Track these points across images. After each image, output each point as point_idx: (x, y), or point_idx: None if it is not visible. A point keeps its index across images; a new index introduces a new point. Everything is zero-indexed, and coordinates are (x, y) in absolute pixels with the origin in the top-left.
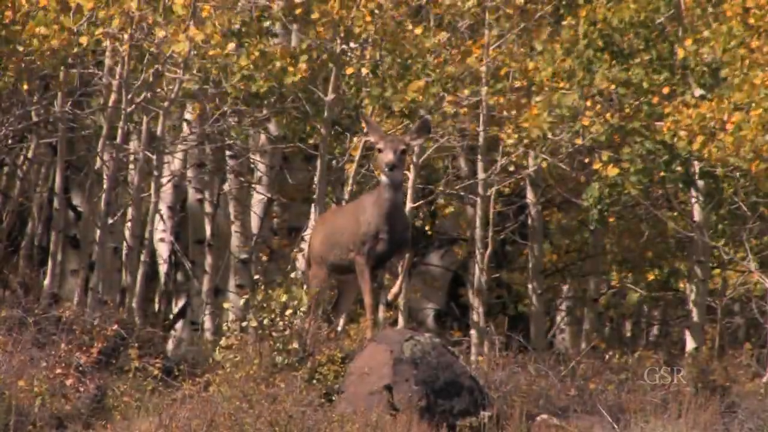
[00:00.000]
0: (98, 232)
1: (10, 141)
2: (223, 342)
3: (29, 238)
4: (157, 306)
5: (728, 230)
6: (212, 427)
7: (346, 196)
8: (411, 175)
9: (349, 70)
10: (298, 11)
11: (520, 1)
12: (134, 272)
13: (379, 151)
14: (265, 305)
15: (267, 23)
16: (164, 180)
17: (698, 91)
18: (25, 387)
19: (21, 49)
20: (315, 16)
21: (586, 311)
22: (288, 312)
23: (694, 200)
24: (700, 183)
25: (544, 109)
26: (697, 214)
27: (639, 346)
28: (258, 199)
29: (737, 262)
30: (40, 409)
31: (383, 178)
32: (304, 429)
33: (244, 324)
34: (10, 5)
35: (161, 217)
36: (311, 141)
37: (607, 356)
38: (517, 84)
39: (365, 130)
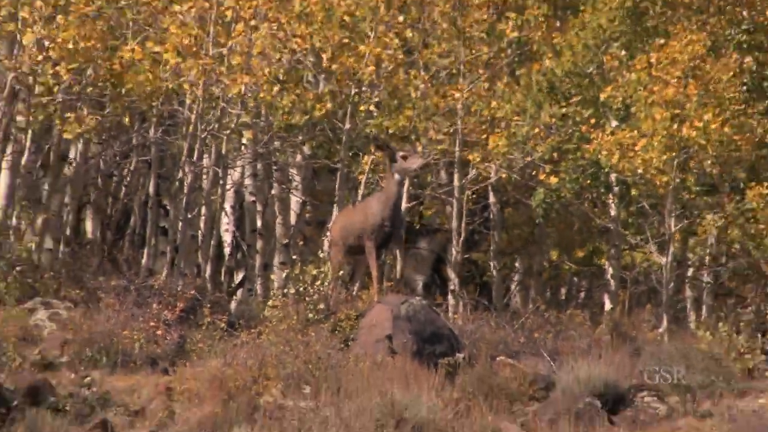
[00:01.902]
0: (181, 224)
1: (117, 159)
2: (270, 303)
3: (132, 228)
4: (223, 277)
5: (635, 223)
6: (263, 364)
7: (359, 198)
8: (406, 183)
9: (362, 108)
10: (324, 65)
11: (485, 58)
12: (207, 253)
13: (404, 158)
14: (300, 277)
15: (302, 73)
16: (228, 187)
17: (614, 123)
18: (128, 335)
19: (124, 91)
20: (335, 67)
21: (532, 281)
22: (317, 282)
23: (611, 201)
24: (616, 189)
25: (501, 140)
26: (613, 211)
27: (570, 306)
28: (295, 200)
29: (642, 245)
30: (138, 352)
31: (396, 176)
32: (329, 366)
33: (285, 290)
34: (118, 60)
35: (226, 213)
36: (334, 159)
37: (547, 314)
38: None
39: (395, 149)
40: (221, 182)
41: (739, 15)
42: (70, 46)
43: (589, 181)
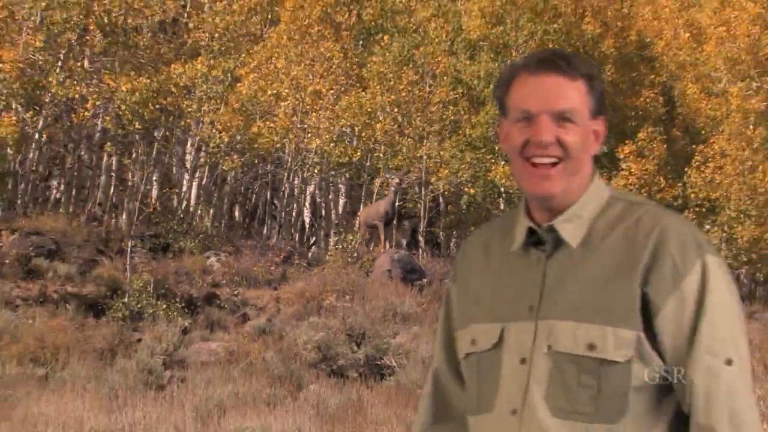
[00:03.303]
0: (283, 213)
1: (251, 180)
2: (329, 254)
3: (258, 215)
4: (306, 240)
5: None
6: (325, 284)
7: (373, 200)
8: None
9: (375, 155)
10: (356, 133)
11: (438, 129)
12: (296, 228)
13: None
14: (343, 239)
15: (345, 137)
16: (307, 194)
17: (503, 162)
18: (257, 270)
19: (255, 146)
20: (363, 134)
21: (461, 242)
22: (352, 242)
23: (501, 201)
24: (504, 195)
25: (446, 171)
26: (502, 207)
27: None
28: (341, 201)
29: None
30: (261, 278)
31: (392, 189)
32: (358, 285)
33: (336, 247)
34: (252, 130)
35: (306, 207)
36: (361, 179)
37: None
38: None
39: (392, 175)
40: (304, 192)
41: None
42: (228, 123)
43: (490, 192)
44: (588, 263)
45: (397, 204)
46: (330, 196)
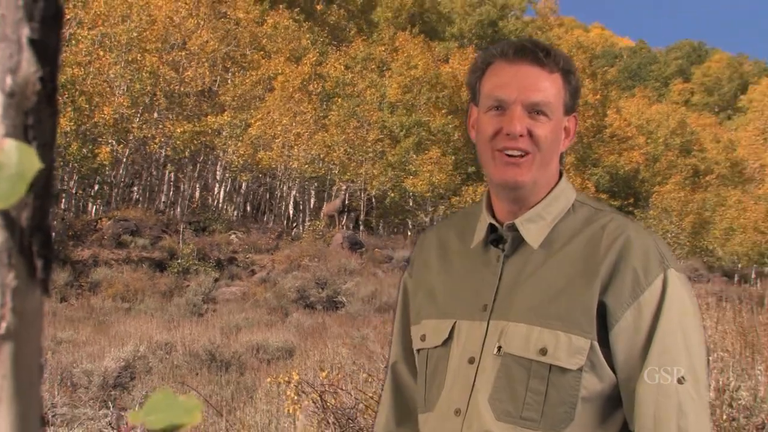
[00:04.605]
0: (276, 208)
1: (256, 187)
2: (304, 233)
3: (261, 209)
4: (290, 224)
5: (422, 208)
6: (302, 251)
7: (332, 199)
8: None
9: (334, 171)
10: (321, 158)
11: (371, 156)
12: (284, 217)
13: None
14: (314, 224)
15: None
16: (291, 196)
17: (411, 177)
18: (260, 243)
19: (260, 166)
20: (326, 159)
21: (387, 225)
22: (319, 226)
23: (411, 201)
24: (414, 197)
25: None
26: (411, 203)
27: (400, 234)
28: (312, 200)
29: (420, 214)
30: (263, 247)
31: (343, 192)
32: (322, 252)
33: (309, 228)
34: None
35: (291, 204)
36: (324, 187)
37: (393, 236)
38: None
39: (343, 184)
40: (289, 195)
41: None
42: (243, 152)
43: (403, 195)
44: (547, 266)
45: (346, 202)
46: (305, 197)
